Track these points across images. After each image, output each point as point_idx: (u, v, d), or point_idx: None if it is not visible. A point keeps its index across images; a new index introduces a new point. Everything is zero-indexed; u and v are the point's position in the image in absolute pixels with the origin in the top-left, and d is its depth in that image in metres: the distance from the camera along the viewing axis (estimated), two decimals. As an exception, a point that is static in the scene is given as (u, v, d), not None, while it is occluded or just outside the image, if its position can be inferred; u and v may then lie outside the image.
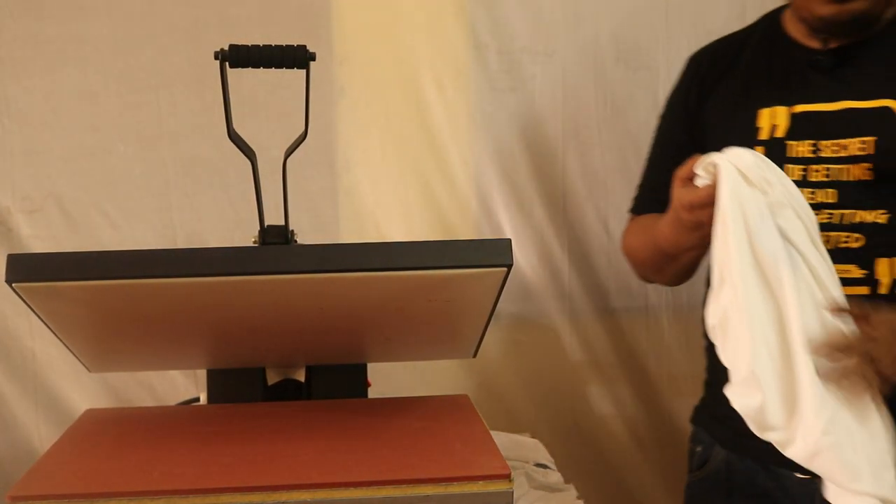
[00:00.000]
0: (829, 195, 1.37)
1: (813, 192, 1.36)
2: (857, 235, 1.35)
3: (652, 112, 1.71)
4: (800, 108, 1.40)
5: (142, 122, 1.89)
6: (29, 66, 1.87)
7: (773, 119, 1.42)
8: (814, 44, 1.41)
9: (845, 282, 1.26)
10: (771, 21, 1.50)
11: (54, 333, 1.38)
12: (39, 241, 1.87)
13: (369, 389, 1.54)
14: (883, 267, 1.35)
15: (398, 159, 1.92)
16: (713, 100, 1.51)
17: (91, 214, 1.89)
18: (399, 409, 1.46)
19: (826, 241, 1.28)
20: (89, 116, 1.88)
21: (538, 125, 1.86)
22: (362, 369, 1.53)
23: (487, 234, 1.92)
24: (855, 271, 1.34)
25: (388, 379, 1.81)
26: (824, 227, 1.32)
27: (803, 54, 1.42)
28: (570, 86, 1.84)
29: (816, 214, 1.26)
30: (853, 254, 1.35)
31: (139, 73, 1.88)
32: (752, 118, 1.43)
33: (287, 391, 1.52)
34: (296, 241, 1.39)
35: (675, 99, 1.58)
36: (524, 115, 1.91)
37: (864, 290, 1.34)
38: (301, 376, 1.52)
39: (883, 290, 1.34)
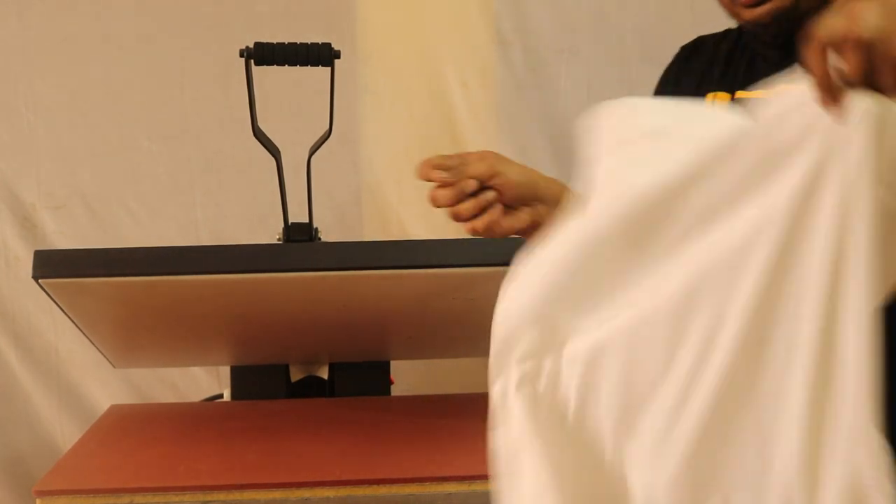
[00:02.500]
0: None
1: None
2: None
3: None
4: (740, 94, 1.37)
5: (166, 120, 1.89)
6: (55, 64, 1.87)
7: (715, 104, 1.42)
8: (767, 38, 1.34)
9: None
10: None
11: (79, 329, 1.38)
12: (64, 237, 1.88)
13: (392, 387, 1.54)
14: None
15: (422, 157, 1.90)
16: (683, 84, 1.50)
17: (115, 211, 1.90)
18: (422, 406, 1.47)
19: None
20: (114, 113, 1.89)
21: (563, 123, 1.85)
22: (385, 367, 1.53)
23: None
24: None
25: (410, 377, 1.81)
26: None
27: (758, 45, 1.36)
28: (596, 84, 1.83)
29: None
30: None
31: (164, 71, 1.88)
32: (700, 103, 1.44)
33: (310, 388, 1.52)
34: (319, 239, 1.39)
35: (664, 79, 1.60)
36: (549, 113, 1.91)
37: None
38: (324, 373, 1.52)
39: None
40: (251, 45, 1.38)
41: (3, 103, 1.87)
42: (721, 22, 1.48)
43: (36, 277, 1.21)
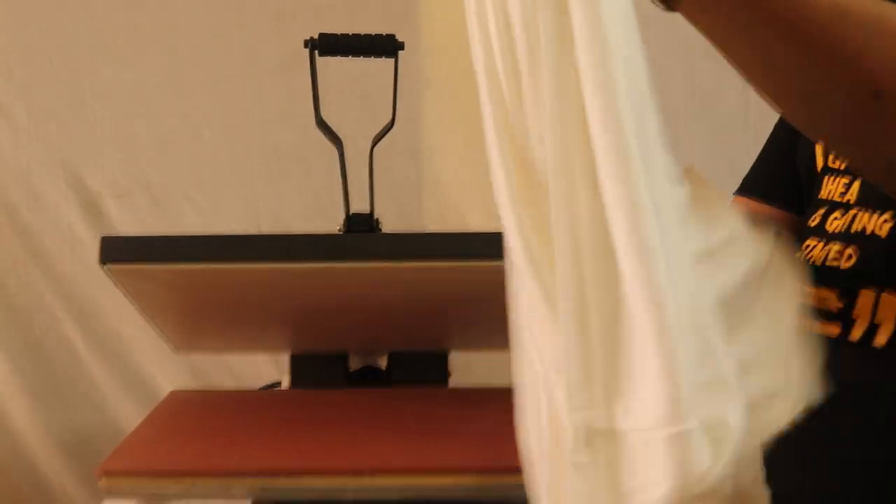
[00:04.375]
0: (852, 190, 0.96)
1: (834, 181, 0.98)
2: (850, 251, 0.93)
3: (740, 105, 1.69)
4: None
5: (228, 110, 1.91)
6: (120, 54, 1.90)
7: None
8: None
9: (816, 313, 0.89)
10: None
11: (141, 315, 1.40)
12: (127, 224, 1.91)
13: (449, 379, 1.55)
14: (865, 303, 0.91)
15: (482, 150, 1.91)
16: None
17: (177, 200, 1.93)
18: (480, 398, 1.46)
19: (821, 257, 0.95)
20: (177, 103, 1.91)
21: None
22: (443, 357, 1.53)
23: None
24: (832, 301, 0.93)
25: (469, 368, 1.81)
26: (832, 238, 0.96)
27: None
28: (659, 78, 1.80)
29: (833, 219, 0.95)
30: (838, 276, 0.93)
31: (226, 61, 1.91)
32: None
33: (369, 377, 1.53)
34: (380, 230, 1.40)
35: None
36: (611, 107, 1.89)
37: (834, 328, 0.92)
38: (383, 363, 1.53)
39: (856, 334, 0.90)
40: (315, 36, 1.38)
41: (70, 92, 1.90)
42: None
43: (102, 262, 1.23)
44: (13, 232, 1.90)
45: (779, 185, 1.15)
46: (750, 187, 1.19)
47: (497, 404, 1.44)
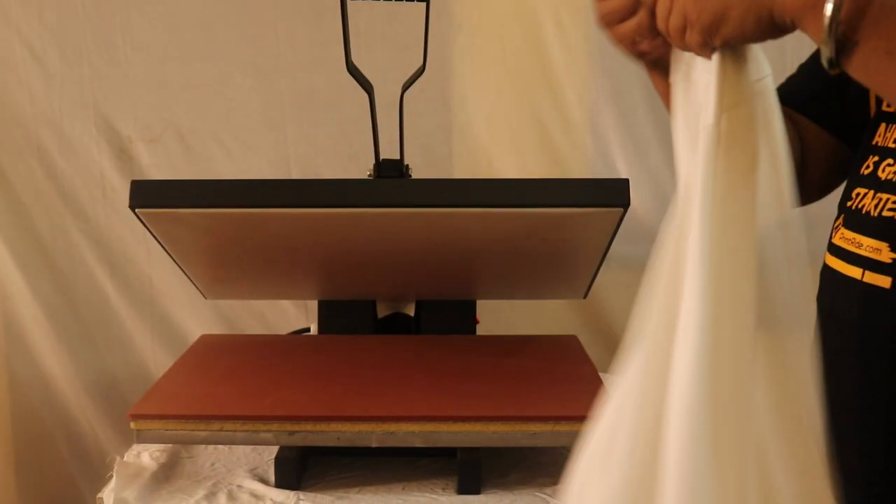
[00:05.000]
0: None
1: (890, 128, 0.96)
2: None
3: (773, 52, 1.65)
4: None
5: (260, 54, 1.90)
6: (151, -3, 1.89)
7: None
8: None
9: (867, 264, 0.91)
10: None
11: (173, 259, 1.40)
12: (158, 169, 1.91)
13: (477, 326, 1.55)
14: None
15: (513, 96, 1.89)
16: None
17: (208, 144, 1.92)
18: (507, 347, 1.46)
19: (875, 206, 0.93)
20: (208, 48, 1.90)
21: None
22: (472, 306, 1.53)
23: (602, 174, 1.89)
24: (884, 253, 0.91)
25: (496, 317, 1.81)
26: (884, 187, 0.93)
27: None
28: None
29: (886, 166, 0.93)
30: (892, 228, 0.91)
31: (258, 5, 1.89)
32: None
33: (397, 325, 1.53)
34: (410, 176, 1.39)
35: None
36: (644, 53, 1.87)
37: (885, 280, 0.90)
38: (411, 311, 1.52)
39: None
40: (348, -20, 1.37)
41: (101, 36, 1.89)
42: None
43: (133, 207, 1.23)
44: (45, 176, 1.90)
45: (819, 101, 1.09)
46: (783, 97, 1.03)
47: (524, 353, 1.44)
